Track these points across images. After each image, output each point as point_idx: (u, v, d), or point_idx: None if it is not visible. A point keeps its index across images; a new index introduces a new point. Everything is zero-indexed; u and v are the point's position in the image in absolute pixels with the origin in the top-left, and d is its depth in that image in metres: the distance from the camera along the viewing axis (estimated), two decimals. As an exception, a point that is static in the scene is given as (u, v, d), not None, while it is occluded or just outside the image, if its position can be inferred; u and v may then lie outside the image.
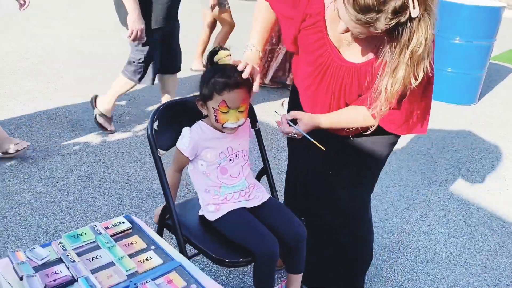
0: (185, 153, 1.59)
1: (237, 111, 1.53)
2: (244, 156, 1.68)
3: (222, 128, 1.56)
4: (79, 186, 2.71)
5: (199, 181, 1.65)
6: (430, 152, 3.68)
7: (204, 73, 1.54)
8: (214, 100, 1.51)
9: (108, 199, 2.62)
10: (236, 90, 1.50)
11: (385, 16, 1.13)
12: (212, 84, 1.50)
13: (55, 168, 2.86)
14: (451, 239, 2.60)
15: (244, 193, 1.66)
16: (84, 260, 1.30)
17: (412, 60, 1.18)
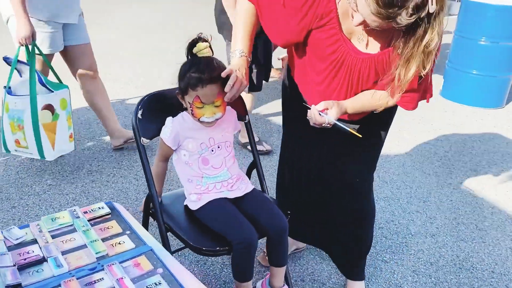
0: (167, 142, 1.61)
1: (213, 106, 1.53)
2: (227, 147, 1.68)
3: (199, 122, 1.57)
4: (87, 180, 2.80)
5: (182, 171, 1.67)
6: (448, 154, 3.56)
7: (182, 66, 1.55)
8: (189, 95, 1.53)
9: (114, 193, 2.69)
10: (210, 86, 1.49)
11: (407, 12, 1.16)
12: (187, 79, 1.51)
13: (67, 163, 2.96)
14: (459, 242, 2.50)
15: (227, 184, 1.66)
16: (58, 242, 1.34)
17: (424, 52, 1.24)
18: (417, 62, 1.27)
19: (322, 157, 1.79)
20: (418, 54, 1.25)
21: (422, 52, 1.25)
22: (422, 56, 1.26)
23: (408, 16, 1.17)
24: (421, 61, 1.27)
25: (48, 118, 2.56)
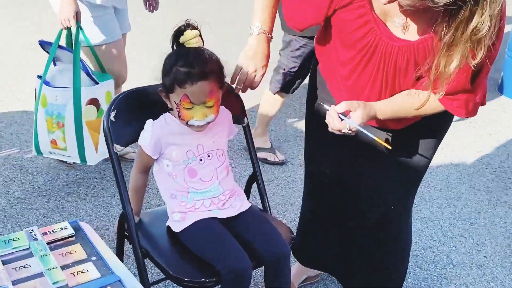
0: (146, 150, 1.61)
1: (204, 107, 1.53)
2: (220, 156, 1.68)
3: (187, 125, 1.57)
4: (62, 192, 2.83)
5: (164, 185, 1.67)
6: (504, 165, 3.48)
7: (166, 58, 1.55)
8: (175, 94, 1.53)
9: (93, 209, 2.71)
10: (201, 82, 1.49)
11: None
12: (173, 74, 1.51)
13: (39, 172, 3.00)
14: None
15: (218, 201, 1.66)
16: (10, 269, 1.34)
17: (472, 40, 1.21)
18: (461, 52, 1.23)
19: (353, 178, 1.75)
20: (463, 42, 1.22)
21: (469, 39, 1.21)
22: (470, 45, 1.22)
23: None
24: (467, 51, 1.23)
25: (92, 114, 2.55)
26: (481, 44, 1.22)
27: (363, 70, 1.49)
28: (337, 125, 1.41)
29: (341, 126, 1.41)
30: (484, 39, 1.21)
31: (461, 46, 1.23)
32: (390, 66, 1.44)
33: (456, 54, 1.24)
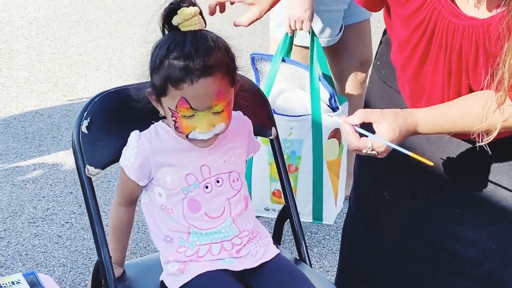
0: (130, 174, 1.61)
1: (210, 113, 1.53)
2: (234, 182, 1.67)
3: (187, 139, 1.57)
4: (28, 233, 2.88)
5: (156, 223, 1.67)
6: None
7: (154, 48, 1.55)
8: (169, 97, 1.52)
9: (68, 256, 2.75)
10: (204, 80, 1.48)
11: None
12: (165, 70, 1.51)
13: (-3, 204, 3.07)
14: None
15: (231, 246, 1.64)
16: None
17: None
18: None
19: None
20: None
21: None
22: None
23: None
24: None
25: (333, 152, 2.59)
26: None
27: (421, 57, 1.51)
28: (354, 144, 1.42)
29: (361, 145, 1.42)
30: None
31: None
32: (454, 53, 1.45)
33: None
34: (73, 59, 4.78)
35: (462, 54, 1.44)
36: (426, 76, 1.53)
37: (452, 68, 1.48)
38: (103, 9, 5.83)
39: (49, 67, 4.61)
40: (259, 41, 5.32)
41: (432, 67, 1.51)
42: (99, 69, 4.66)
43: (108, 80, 4.47)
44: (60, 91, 4.28)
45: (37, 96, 4.19)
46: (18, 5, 5.69)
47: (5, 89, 4.24)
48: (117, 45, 5.08)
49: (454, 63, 1.47)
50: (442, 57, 1.47)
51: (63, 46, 4.99)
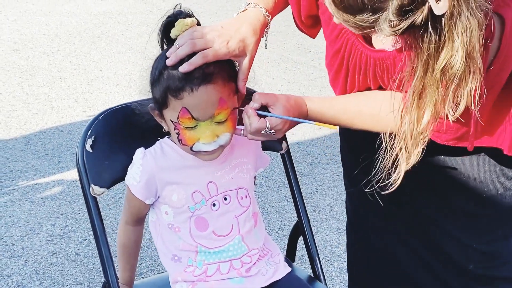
0: (136, 192, 1.60)
1: (213, 123, 1.51)
2: (243, 199, 1.65)
3: (192, 152, 1.55)
4: (46, 251, 2.89)
5: (164, 242, 1.65)
6: None
7: (154, 62, 1.56)
8: (171, 109, 1.51)
9: (85, 273, 2.75)
10: (205, 87, 1.47)
11: (386, 17, 1.17)
12: (164, 81, 1.50)
13: (16, 222, 3.08)
14: None
15: (240, 264, 1.62)
16: None
17: (445, 81, 1.23)
18: (433, 99, 1.26)
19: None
20: (434, 85, 1.24)
21: (439, 81, 1.23)
22: (442, 89, 1.24)
23: (391, 25, 1.17)
24: (440, 97, 1.25)
25: None
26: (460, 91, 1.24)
27: (344, 77, 1.62)
28: (254, 124, 1.48)
29: (260, 125, 1.48)
30: (466, 82, 1.23)
31: (431, 93, 1.25)
32: (369, 77, 1.55)
33: (428, 105, 1.27)
34: (94, 75, 4.80)
35: (377, 77, 1.53)
36: (351, 91, 1.62)
37: (373, 89, 1.58)
38: (124, 23, 5.86)
39: (70, 83, 4.63)
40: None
41: (355, 87, 1.60)
42: (119, 84, 4.67)
43: (128, 95, 4.47)
44: (80, 107, 4.29)
45: (57, 112, 4.21)
46: (41, 22, 5.74)
47: (26, 106, 4.26)
48: (138, 60, 5.08)
49: (372, 83, 1.56)
50: (362, 79, 1.56)
51: (84, 62, 5.02)
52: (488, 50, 1.29)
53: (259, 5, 1.64)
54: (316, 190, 3.47)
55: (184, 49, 1.47)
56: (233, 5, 5.67)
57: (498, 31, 1.29)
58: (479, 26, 1.17)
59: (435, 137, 1.48)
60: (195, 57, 1.46)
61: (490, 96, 1.40)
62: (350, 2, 1.18)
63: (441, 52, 1.19)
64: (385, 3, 1.15)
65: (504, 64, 1.35)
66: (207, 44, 1.49)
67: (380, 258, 1.89)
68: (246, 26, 1.58)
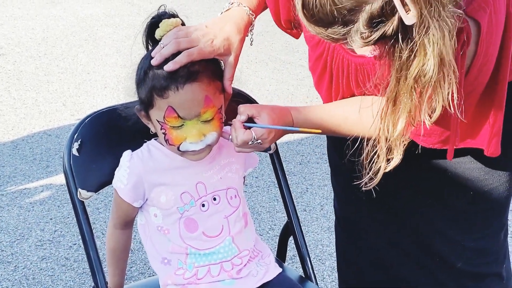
0: (124, 195, 1.59)
1: (199, 122, 1.50)
2: (232, 199, 1.64)
3: (180, 152, 1.55)
4: (35, 256, 2.87)
5: (153, 245, 1.64)
6: None
7: (139, 63, 1.56)
8: (157, 108, 1.50)
9: (76, 278, 2.73)
10: (190, 85, 1.47)
11: (357, 29, 1.19)
12: (149, 81, 1.50)
13: (4, 228, 3.06)
14: None
15: (231, 266, 1.62)
16: None
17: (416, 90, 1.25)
18: (407, 106, 1.28)
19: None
20: (407, 92, 1.26)
21: (412, 89, 1.25)
22: (416, 97, 1.26)
23: (362, 37, 1.19)
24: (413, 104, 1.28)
25: None
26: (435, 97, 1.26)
27: (328, 82, 1.63)
28: (241, 136, 1.49)
29: (246, 137, 1.49)
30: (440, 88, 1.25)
31: (405, 100, 1.27)
32: (352, 81, 1.56)
33: (402, 113, 1.30)
34: (81, 78, 4.77)
35: (359, 82, 1.54)
36: (336, 96, 1.64)
37: (356, 93, 1.58)
38: (111, 26, 5.82)
39: (57, 87, 4.60)
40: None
41: (340, 91, 1.62)
42: (107, 87, 4.64)
43: (116, 98, 4.43)
44: (68, 111, 4.26)
45: (45, 116, 4.18)
46: (27, 26, 5.70)
47: (13, 111, 4.23)
48: (125, 62, 5.04)
49: (355, 88, 1.57)
50: (346, 83, 1.58)
51: (71, 65, 4.99)
52: (465, 55, 1.31)
53: (243, 4, 1.65)
54: (306, 189, 3.46)
55: (168, 48, 1.47)
56: (220, 6, 5.70)
57: (474, 35, 1.30)
58: (450, 33, 1.19)
59: (421, 141, 1.50)
60: (180, 56, 1.46)
61: (471, 100, 1.43)
62: (321, 16, 1.19)
63: (413, 61, 1.21)
64: (356, 16, 1.17)
65: (482, 68, 1.37)
66: (192, 43, 1.49)
67: (369, 256, 1.90)
68: (230, 25, 1.59)
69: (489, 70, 1.39)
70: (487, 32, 1.31)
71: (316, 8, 1.18)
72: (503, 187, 1.71)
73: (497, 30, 1.34)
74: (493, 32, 1.33)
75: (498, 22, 1.33)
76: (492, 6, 1.31)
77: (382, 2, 1.14)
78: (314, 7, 1.18)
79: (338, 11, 1.17)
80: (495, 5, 1.32)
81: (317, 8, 1.18)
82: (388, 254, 1.84)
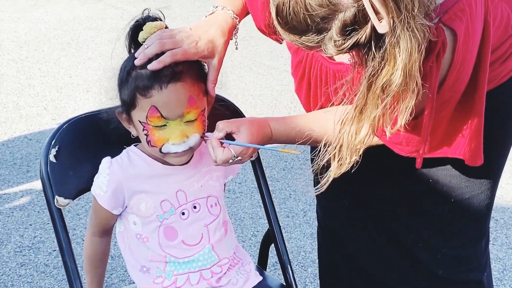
0: (103, 202, 1.58)
1: (183, 122, 1.50)
2: (212, 207, 1.64)
3: (162, 155, 1.54)
4: (14, 263, 2.84)
5: (132, 253, 1.64)
6: None
7: (122, 66, 1.56)
8: (139, 109, 1.50)
9: (55, 285, 2.71)
10: (174, 85, 1.46)
11: (331, 37, 1.20)
12: (132, 81, 1.49)
13: (-17, 232, 3.02)
14: None
15: (210, 274, 1.62)
16: None
17: (384, 97, 1.25)
18: (372, 115, 1.29)
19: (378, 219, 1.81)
20: (374, 100, 1.27)
21: (379, 98, 1.26)
22: (381, 107, 1.28)
23: (335, 45, 1.20)
24: (378, 113, 1.29)
25: None
26: (399, 107, 1.28)
27: (306, 89, 1.65)
28: (220, 156, 1.48)
29: (226, 156, 1.48)
30: (406, 99, 1.26)
31: (370, 109, 1.29)
32: (331, 89, 1.56)
33: (365, 121, 1.31)
34: (63, 81, 4.74)
35: (337, 89, 1.50)
36: (315, 102, 1.66)
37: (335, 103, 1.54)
38: (94, 29, 5.80)
39: (39, 91, 4.57)
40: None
41: (318, 98, 1.64)
42: (89, 91, 4.61)
43: (99, 102, 4.36)
44: (49, 115, 4.23)
45: (26, 120, 4.14)
46: (9, 29, 5.67)
47: (-6, 115, 4.20)
48: (108, 66, 5.02)
49: (333, 95, 1.52)
50: (323, 90, 1.60)
51: (54, 69, 4.96)
52: (440, 64, 1.32)
53: (227, 8, 1.65)
54: (289, 195, 3.45)
55: (152, 48, 1.48)
56: (205, 10, 5.71)
57: (450, 43, 1.31)
58: (419, 46, 1.20)
59: (398, 149, 1.51)
60: (164, 55, 1.46)
61: (448, 108, 1.45)
62: (294, 23, 1.20)
63: (383, 70, 1.22)
64: (329, 24, 1.18)
65: (459, 77, 1.38)
66: (176, 44, 1.50)
67: (351, 264, 1.90)
68: (214, 28, 1.60)
69: (466, 78, 1.40)
70: (463, 40, 1.32)
71: (289, 15, 1.19)
72: (483, 195, 1.72)
73: (474, 38, 1.35)
74: (470, 40, 1.34)
75: (475, 31, 1.34)
76: (469, 14, 1.31)
77: (355, 10, 1.15)
78: (287, 14, 1.19)
79: (311, 18, 1.18)
80: (472, 14, 1.32)
81: (291, 16, 1.19)
82: (370, 261, 1.84)
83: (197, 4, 6.53)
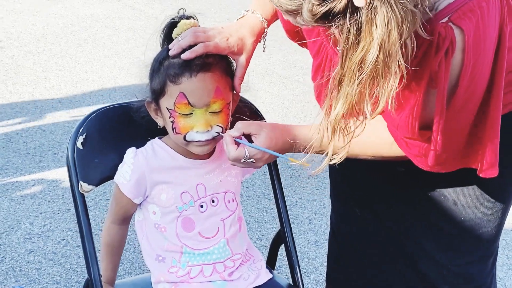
0: (125, 191, 1.61)
1: (208, 112, 1.54)
2: (229, 202, 1.67)
3: (185, 143, 1.57)
4: (23, 249, 2.86)
5: (149, 242, 1.67)
6: None
7: (155, 58, 1.60)
8: (168, 96, 1.54)
9: (62, 273, 2.73)
10: (203, 74, 1.51)
11: (310, 1, 1.18)
12: (164, 70, 1.54)
13: (-6, 218, 3.05)
14: None
15: (223, 268, 1.64)
16: None
17: (361, 73, 1.22)
18: (346, 91, 1.26)
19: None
20: (352, 75, 1.23)
21: (354, 74, 1.23)
22: (356, 85, 1.24)
23: (311, 10, 1.18)
24: (354, 92, 1.25)
25: None
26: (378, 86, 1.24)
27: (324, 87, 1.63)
28: (232, 153, 1.49)
29: (238, 154, 1.48)
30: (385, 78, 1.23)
31: (346, 87, 1.25)
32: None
33: (341, 96, 1.27)
34: (79, 77, 4.78)
35: None
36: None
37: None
38: (111, 28, 5.83)
39: (54, 84, 4.61)
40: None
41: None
42: (104, 88, 4.66)
43: (113, 99, 4.45)
44: (64, 108, 4.27)
45: (40, 112, 4.18)
46: (28, 22, 5.70)
47: (9, 104, 4.23)
48: (123, 65, 5.07)
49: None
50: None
51: (70, 64, 4.99)
52: (449, 63, 1.30)
53: (257, 12, 1.70)
54: (295, 202, 3.48)
55: (186, 40, 1.53)
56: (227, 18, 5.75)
57: (460, 43, 1.29)
58: (399, 25, 1.17)
59: (418, 162, 1.49)
60: (197, 46, 1.52)
61: (465, 114, 1.41)
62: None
63: (359, 45, 1.20)
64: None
65: (471, 82, 1.34)
66: (209, 38, 1.56)
67: (359, 271, 1.90)
68: (245, 28, 1.66)
69: (481, 86, 1.37)
70: (473, 41, 1.30)
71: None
72: (494, 216, 1.71)
73: (486, 41, 1.32)
74: (481, 42, 1.31)
75: (487, 34, 1.32)
76: (479, 16, 1.29)
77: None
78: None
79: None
80: (483, 17, 1.30)
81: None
82: (379, 270, 1.84)
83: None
